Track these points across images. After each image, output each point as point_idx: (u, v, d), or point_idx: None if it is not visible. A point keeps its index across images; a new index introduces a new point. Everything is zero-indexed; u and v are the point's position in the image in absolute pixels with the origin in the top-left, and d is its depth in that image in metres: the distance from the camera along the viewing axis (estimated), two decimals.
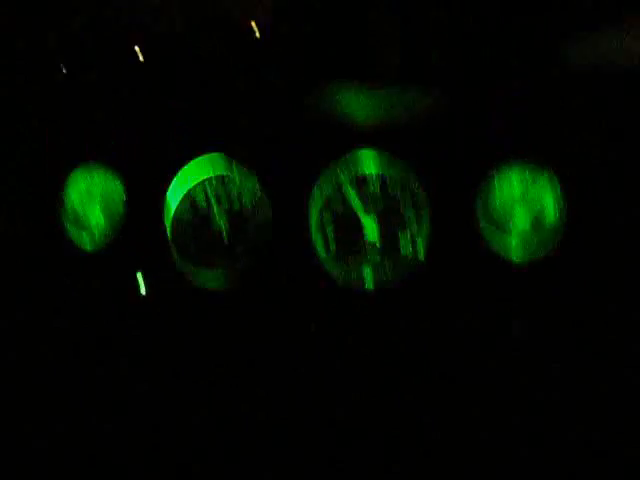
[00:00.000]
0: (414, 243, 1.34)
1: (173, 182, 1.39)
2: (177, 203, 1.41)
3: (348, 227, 1.36)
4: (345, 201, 1.36)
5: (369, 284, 1.36)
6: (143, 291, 1.38)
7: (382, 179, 1.35)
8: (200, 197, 1.40)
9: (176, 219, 1.41)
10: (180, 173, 1.39)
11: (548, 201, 1.31)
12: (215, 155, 1.38)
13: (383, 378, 1.30)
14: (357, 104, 1.32)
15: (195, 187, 1.40)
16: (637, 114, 1.14)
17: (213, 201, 1.40)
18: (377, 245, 1.35)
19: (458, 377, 1.28)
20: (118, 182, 1.42)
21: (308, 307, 1.34)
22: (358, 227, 1.35)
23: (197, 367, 1.36)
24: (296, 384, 1.32)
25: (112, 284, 1.41)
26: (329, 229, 1.36)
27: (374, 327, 1.32)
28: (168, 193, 1.39)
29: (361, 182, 1.36)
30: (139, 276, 1.39)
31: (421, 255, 1.33)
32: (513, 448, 1.19)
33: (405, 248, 1.35)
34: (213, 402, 1.33)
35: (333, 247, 1.36)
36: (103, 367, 1.37)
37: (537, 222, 1.32)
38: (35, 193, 1.45)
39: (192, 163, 1.39)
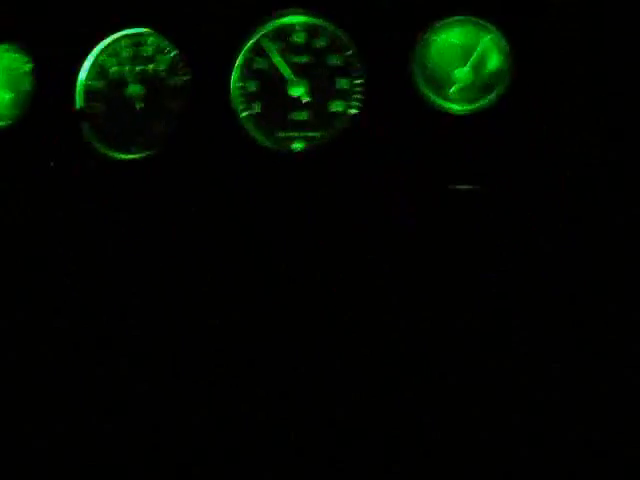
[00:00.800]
0: (345, 98, 1.22)
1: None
2: (86, 70, 1.28)
3: (272, 84, 1.24)
4: (267, 56, 1.23)
5: (298, 145, 1.24)
6: (54, 168, 1.27)
7: (308, 29, 1.23)
8: (111, 61, 1.28)
9: (86, 87, 1.29)
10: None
11: (489, 49, 1.20)
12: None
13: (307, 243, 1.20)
14: None
15: (103, 50, 1.28)
16: None
17: (123, 65, 1.27)
18: (304, 102, 1.23)
19: (395, 254, 1.18)
20: (25, 55, 1.31)
21: (231, 172, 1.22)
22: (283, 84, 1.23)
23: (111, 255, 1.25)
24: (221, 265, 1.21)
25: (23, 160, 1.30)
26: (251, 87, 1.24)
27: (303, 192, 1.20)
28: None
29: (285, 34, 1.23)
30: (50, 154, 1.27)
31: (353, 110, 1.21)
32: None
33: (335, 104, 1.23)
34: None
35: (257, 106, 1.24)
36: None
37: (477, 70, 1.21)
38: None
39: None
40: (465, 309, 1.14)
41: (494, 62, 1.20)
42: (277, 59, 1.23)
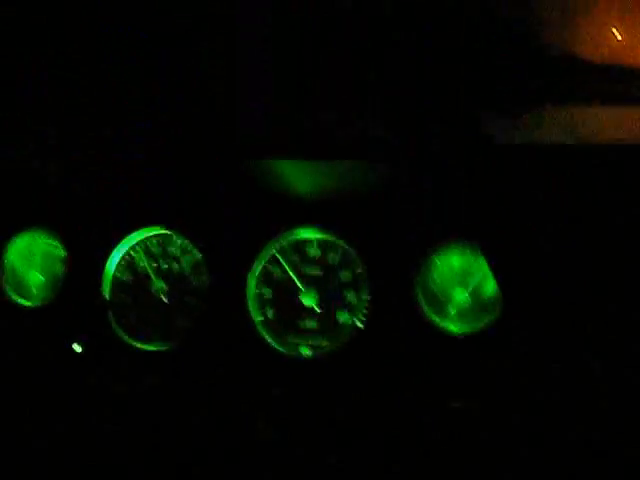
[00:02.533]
0: (352, 312, 1.32)
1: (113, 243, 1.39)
2: (116, 262, 1.39)
3: (285, 293, 1.34)
4: (283, 267, 1.34)
5: (305, 351, 1.33)
6: (79, 351, 1.36)
7: (321, 246, 1.34)
8: (140, 256, 1.39)
9: (114, 279, 1.40)
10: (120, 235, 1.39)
11: (485, 276, 1.30)
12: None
13: (320, 448, 1.27)
14: (299, 178, 1.32)
15: (134, 246, 1.39)
16: (567, 191, 1.13)
17: (151, 261, 1.38)
18: (314, 312, 1.33)
19: (396, 448, 1.25)
20: (58, 243, 1.42)
21: (242, 373, 1.31)
22: (295, 293, 1.34)
23: (132, 432, 1.33)
24: (229, 449, 1.29)
25: (50, 343, 1.39)
26: (266, 294, 1.35)
27: (309, 396, 1.29)
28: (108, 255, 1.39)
29: (300, 249, 1.35)
30: (76, 338, 1.37)
31: (359, 324, 1.31)
32: None
33: (342, 316, 1.33)
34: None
35: (270, 312, 1.35)
36: (36, 430, 1.35)
37: (475, 295, 1.31)
38: None
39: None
40: None
41: (491, 287, 1.30)
42: (290, 271, 1.33)
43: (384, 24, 1.20)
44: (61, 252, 1.41)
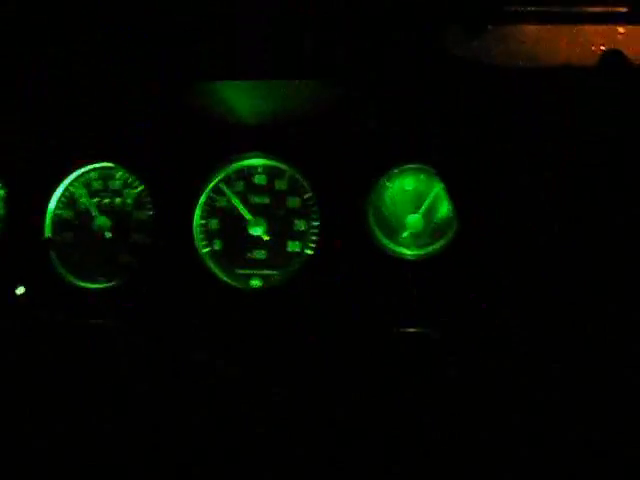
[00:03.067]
0: (302, 240, 1.28)
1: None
2: (56, 199, 1.34)
3: (233, 223, 1.30)
4: (228, 196, 1.29)
5: (255, 282, 1.29)
6: (21, 292, 1.31)
7: (268, 173, 1.29)
8: (80, 192, 1.33)
9: (55, 216, 1.34)
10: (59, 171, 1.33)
11: (438, 199, 1.26)
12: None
13: (269, 380, 1.24)
14: (243, 102, 1.26)
15: (73, 181, 1.33)
16: (522, 116, 1.09)
17: (93, 197, 1.33)
18: (263, 241, 1.28)
19: (346, 379, 1.22)
20: None
21: (191, 310, 1.27)
22: (243, 223, 1.29)
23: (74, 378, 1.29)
24: (177, 393, 1.25)
25: None
26: (213, 225, 1.30)
27: (259, 327, 1.25)
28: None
29: (246, 176, 1.30)
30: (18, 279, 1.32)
31: (309, 251, 1.26)
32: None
33: (292, 244, 1.28)
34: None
35: (217, 243, 1.30)
36: None
37: (429, 219, 1.27)
38: None
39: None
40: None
41: (444, 210, 1.26)
42: (236, 201, 1.28)
43: None
44: (1, 191, 1.36)
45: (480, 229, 1.22)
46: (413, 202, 1.27)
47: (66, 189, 1.33)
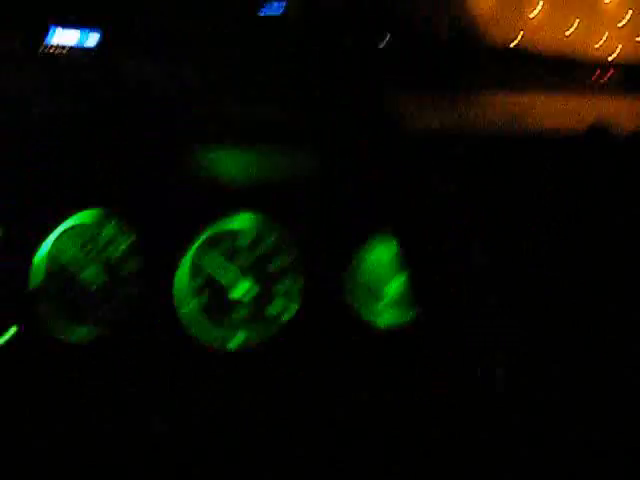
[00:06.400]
0: (282, 302, 1.30)
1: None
2: (45, 251, 1.37)
3: (215, 283, 1.32)
4: (213, 256, 1.32)
5: (232, 343, 1.31)
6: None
7: (253, 236, 1.33)
8: (67, 245, 1.37)
9: (44, 267, 1.37)
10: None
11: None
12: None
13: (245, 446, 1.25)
14: (229, 165, 1.31)
15: (64, 232, 1.37)
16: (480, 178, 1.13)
17: (83, 248, 1.36)
18: (243, 303, 1.31)
19: (324, 447, 1.23)
20: None
21: (168, 365, 1.29)
22: (225, 284, 1.32)
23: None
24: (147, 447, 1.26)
25: None
26: (196, 283, 1.33)
27: (234, 389, 1.27)
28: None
29: (233, 236, 1.33)
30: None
31: (287, 316, 1.29)
32: None
33: (272, 308, 1.31)
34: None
35: (198, 302, 1.32)
36: None
37: (402, 290, 1.30)
38: None
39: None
40: None
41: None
42: (214, 267, 1.32)
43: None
44: None
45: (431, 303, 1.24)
46: (390, 271, 1.30)
47: (57, 239, 1.36)
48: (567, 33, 1.21)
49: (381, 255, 1.30)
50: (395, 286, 1.29)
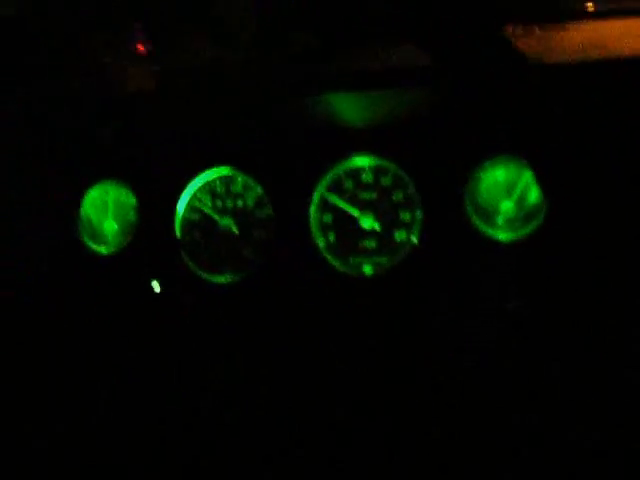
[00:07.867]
0: (408, 230, 1.43)
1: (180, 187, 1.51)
2: (184, 205, 1.51)
3: (345, 217, 1.45)
4: (340, 194, 1.45)
5: (368, 270, 1.44)
6: (157, 290, 1.47)
7: (374, 171, 1.44)
8: (205, 197, 1.50)
9: (184, 220, 1.51)
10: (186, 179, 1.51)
11: (528, 187, 1.40)
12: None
13: (382, 367, 1.39)
14: (350, 110, 1.41)
15: (200, 188, 1.50)
16: (604, 106, 1.22)
17: (217, 200, 1.49)
18: (373, 232, 1.43)
19: (454, 364, 1.35)
20: (129, 192, 1.54)
21: (310, 297, 1.42)
22: (354, 218, 1.44)
23: (208, 364, 1.45)
24: (300, 374, 1.42)
25: (128, 286, 1.51)
26: (327, 219, 1.46)
27: (373, 313, 1.40)
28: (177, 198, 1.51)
29: (355, 175, 1.45)
30: (153, 278, 1.48)
31: (414, 240, 1.41)
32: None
33: (399, 234, 1.43)
34: (222, 398, 1.43)
35: (332, 236, 1.45)
36: (118, 369, 1.47)
37: (520, 205, 1.40)
38: (55, 208, 1.56)
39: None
40: None
41: (534, 196, 1.40)
42: (342, 203, 1.44)
43: None
44: (132, 200, 1.53)
45: (567, 213, 1.35)
46: (506, 190, 1.42)
47: (193, 195, 1.50)
48: None
49: (495, 176, 1.41)
50: (510, 204, 1.40)
